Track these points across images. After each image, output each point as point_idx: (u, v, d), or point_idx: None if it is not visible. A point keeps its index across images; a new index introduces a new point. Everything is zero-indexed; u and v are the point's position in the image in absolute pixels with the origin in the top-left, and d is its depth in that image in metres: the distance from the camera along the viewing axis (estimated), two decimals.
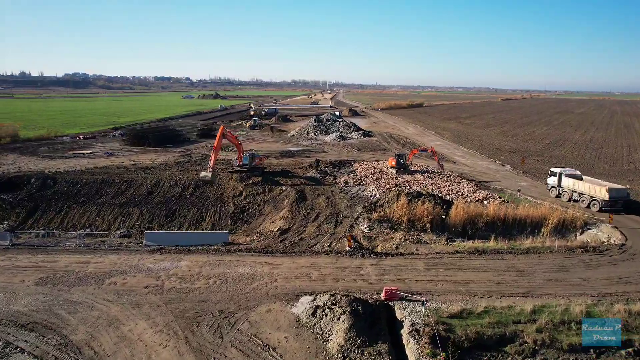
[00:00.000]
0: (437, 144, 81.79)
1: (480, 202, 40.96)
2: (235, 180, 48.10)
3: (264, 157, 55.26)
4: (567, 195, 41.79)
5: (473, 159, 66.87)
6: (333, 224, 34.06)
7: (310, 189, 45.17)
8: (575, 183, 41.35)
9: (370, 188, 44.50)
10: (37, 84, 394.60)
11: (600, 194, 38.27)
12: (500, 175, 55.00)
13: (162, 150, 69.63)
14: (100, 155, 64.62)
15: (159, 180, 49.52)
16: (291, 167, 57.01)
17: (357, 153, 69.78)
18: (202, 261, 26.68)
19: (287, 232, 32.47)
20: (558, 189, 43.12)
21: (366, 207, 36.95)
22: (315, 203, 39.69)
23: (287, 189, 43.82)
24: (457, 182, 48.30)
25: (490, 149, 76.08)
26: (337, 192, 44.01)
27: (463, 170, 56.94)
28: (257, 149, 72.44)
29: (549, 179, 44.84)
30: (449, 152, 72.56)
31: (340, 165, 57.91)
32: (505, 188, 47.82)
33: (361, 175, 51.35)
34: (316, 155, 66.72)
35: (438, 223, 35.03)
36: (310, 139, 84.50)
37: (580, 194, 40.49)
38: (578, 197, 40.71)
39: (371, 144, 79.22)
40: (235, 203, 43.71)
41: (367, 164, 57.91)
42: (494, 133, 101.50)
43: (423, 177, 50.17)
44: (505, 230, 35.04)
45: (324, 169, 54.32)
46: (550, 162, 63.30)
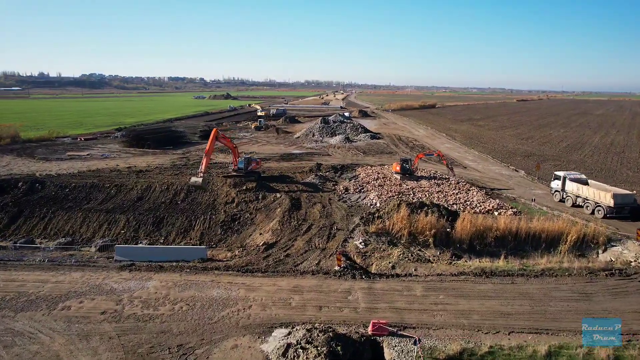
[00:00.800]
0: (448, 147, 77.91)
1: (490, 213, 37.33)
2: (229, 186, 45.27)
3: (261, 160, 52.34)
4: (570, 200, 39.86)
5: (485, 163, 62.89)
6: (325, 237, 30.85)
7: (307, 196, 42.06)
8: (579, 188, 39.05)
9: (371, 196, 41.17)
10: (55, 84, 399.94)
11: (605, 200, 35.93)
12: (514, 182, 51.09)
13: (161, 152, 67.32)
14: (96, 157, 62.57)
15: (150, 184, 46.98)
16: (291, 171, 54.02)
17: (362, 156, 66.42)
18: (173, 281, 23.77)
19: (273, 247, 29.37)
20: (561, 194, 41.14)
21: (364, 218, 33.65)
22: (310, 213, 36.55)
23: (282, 197, 40.78)
24: (466, 189, 44.63)
25: (503, 152, 71.91)
26: (335, 200, 40.81)
27: (473, 176, 53.14)
28: (259, 151, 69.85)
29: (553, 182, 42.63)
30: (460, 155, 68.65)
31: (343, 169, 54.67)
32: (519, 197, 43.97)
33: (363, 181, 48.03)
34: (319, 159, 63.63)
35: (442, 237, 31.59)
36: (315, 141, 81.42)
37: (585, 200, 38.32)
38: (582, 202, 38.61)
39: (378, 147, 75.73)
40: (227, 211, 40.85)
41: (371, 169, 54.54)
42: (508, 135, 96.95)
43: (429, 183, 46.60)
44: (517, 246, 31.44)
45: (325, 174, 51.15)
46: (569, 168, 58.89)
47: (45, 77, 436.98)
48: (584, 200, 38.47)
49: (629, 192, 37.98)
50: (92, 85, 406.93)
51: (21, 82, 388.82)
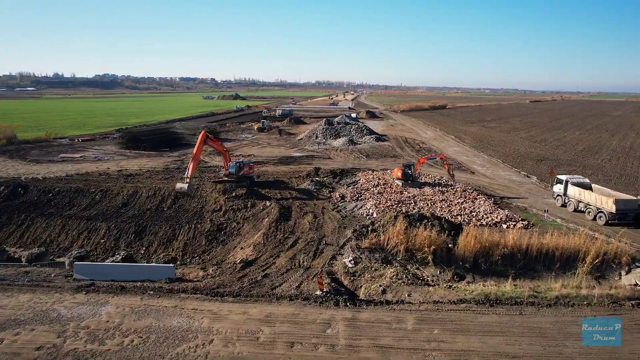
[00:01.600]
0: (456, 150, 74.08)
1: (497, 225, 33.74)
2: (218, 192, 42.36)
3: (254, 164, 49.32)
4: (572, 205, 38.36)
5: (494, 168, 59.00)
6: (312, 254, 27.62)
7: (299, 204, 38.93)
8: (581, 192, 37.52)
9: (367, 205, 37.84)
10: (69, 84, 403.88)
11: (606, 206, 34.34)
12: (525, 189, 47.26)
13: (156, 155, 64.86)
14: (89, 160, 60.35)
15: (136, 190, 44.35)
16: (287, 176, 50.96)
17: (365, 160, 63.06)
18: (131, 306, 20.81)
19: (252, 265, 26.24)
20: (563, 198, 39.62)
21: (357, 232, 30.37)
22: (299, 224, 33.39)
23: (271, 205, 37.71)
24: (473, 198, 41.03)
25: (514, 156, 67.83)
26: (329, 209, 37.58)
27: (481, 183, 49.42)
28: (258, 153, 67.00)
29: (555, 186, 40.95)
30: (468, 159, 64.84)
31: (342, 174, 51.42)
32: (530, 206, 40.22)
33: (362, 187, 44.73)
34: (319, 162, 60.49)
35: (443, 254, 28.14)
36: (318, 143, 78.27)
37: (587, 205, 36.71)
38: (584, 207, 37.10)
39: (382, 150, 72.25)
40: (213, 219, 37.95)
41: (373, 174, 51.18)
42: (520, 138, 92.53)
43: (433, 191, 43.09)
44: (527, 265, 27.83)
45: (322, 180, 47.94)
46: (585, 174, 54.69)
47: (59, 77, 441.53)
48: (585, 205, 36.75)
49: (633, 198, 35.88)
50: (105, 86, 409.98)
51: (36, 82, 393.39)
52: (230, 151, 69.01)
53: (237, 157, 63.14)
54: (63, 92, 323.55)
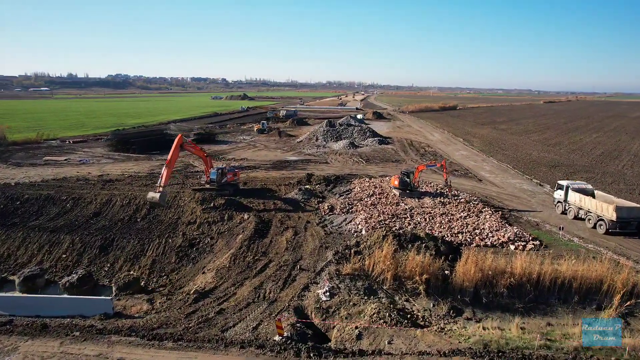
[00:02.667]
0: (463, 154, 69.13)
1: (504, 246, 29.11)
2: (196, 202, 38.41)
3: (239, 171, 45.24)
4: (573, 212, 36.31)
5: (504, 175, 54.02)
6: (281, 282, 23.35)
7: (282, 217, 34.76)
8: (581, 199, 35.47)
9: (358, 219, 33.45)
10: (81, 84, 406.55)
11: (607, 213, 32.31)
12: (537, 200, 42.34)
13: (145, 158, 61.29)
14: (73, 163, 57.01)
15: (110, 198, 40.68)
16: (277, 182, 46.83)
17: (364, 165, 58.61)
18: (44, 355, 16.85)
19: (209, 296, 22.09)
20: (564, 205, 37.50)
21: (338, 254, 26.04)
22: (275, 242, 29.21)
23: (250, 218, 33.59)
24: (478, 211, 36.36)
25: (526, 161, 62.65)
26: (314, 223, 33.30)
27: (488, 192, 44.63)
28: (252, 157, 63.08)
29: (556, 192, 38.83)
30: (475, 165, 59.91)
31: (336, 181, 47.08)
32: (543, 221, 35.42)
33: (356, 197, 40.36)
34: (314, 167, 56.29)
35: (438, 283, 23.71)
36: (317, 146, 74.03)
37: (587, 212, 34.72)
38: (584, 215, 35.09)
39: (385, 154, 67.69)
40: (187, 233, 33.99)
41: (369, 182, 46.74)
42: (533, 141, 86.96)
43: (433, 202, 38.51)
44: (539, 298, 23.30)
45: (313, 188, 43.70)
46: (604, 182, 49.62)
47: (72, 78, 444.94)
48: (586, 212, 34.80)
49: (636, 205, 33.63)
50: (116, 86, 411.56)
51: (50, 82, 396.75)
52: (223, 154, 65.39)
53: (228, 162, 59.45)
54: (74, 92, 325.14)
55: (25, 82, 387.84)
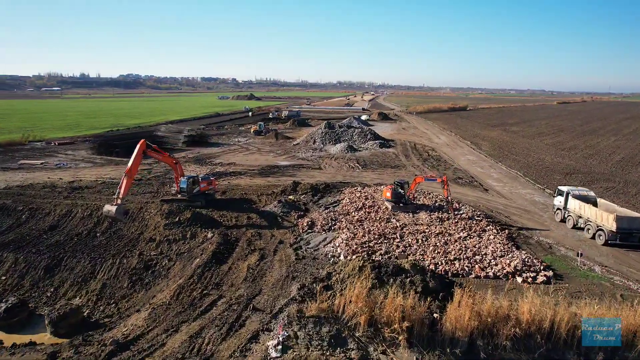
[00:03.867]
0: (469, 159, 63.70)
1: (510, 277, 24.00)
2: (162, 215, 33.97)
3: (215, 179, 40.62)
4: (572, 220, 33.67)
5: (513, 184, 48.58)
6: (227, 327, 18.61)
7: (252, 235, 30.12)
8: (581, 207, 32.81)
9: (338, 240, 28.58)
10: (93, 84, 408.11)
11: (607, 223, 29.85)
12: (551, 214, 36.93)
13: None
14: (49, 167, 53.20)
15: (71, 209, 36.57)
16: (259, 192, 42.20)
17: (359, 171, 53.66)
18: None
19: (130, 347, 17.49)
20: (563, 212, 34.89)
21: (305, 288, 21.23)
22: (235, 269, 24.56)
23: (213, 237, 29.04)
24: (480, 229, 31.23)
25: (538, 168, 57.02)
26: (288, 243, 28.55)
27: (494, 205, 39.37)
28: (241, 162, 58.56)
29: (556, 199, 36.18)
30: (482, 172, 54.49)
31: (325, 191, 42.31)
32: (557, 243, 30.15)
33: (343, 210, 35.53)
34: (306, 174, 51.60)
35: (424, 330, 18.80)
36: (314, 149, 69.28)
37: (586, 221, 32.10)
38: (583, 224, 32.48)
39: (384, 158, 62.63)
40: (144, 253, 29.58)
41: (362, 191, 41.85)
42: (546, 145, 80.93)
43: (429, 218, 33.43)
44: (552, 352, 18.26)
45: (297, 199, 39.00)
46: (627, 193, 43.98)
47: (85, 78, 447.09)
48: (585, 221, 32.19)
49: (639, 216, 30.64)
50: (127, 86, 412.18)
51: (62, 82, 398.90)
52: (211, 158, 60.99)
53: (214, 166, 55.04)
54: (84, 92, 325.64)
55: (38, 82, 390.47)
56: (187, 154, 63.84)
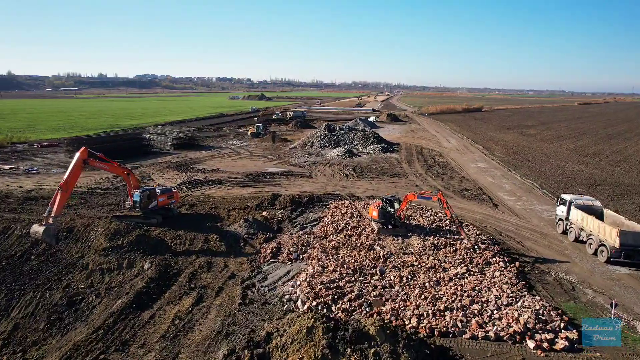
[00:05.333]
0: (480, 167, 56.97)
1: (518, 340, 17.73)
2: (106, 236, 28.66)
3: (177, 192, 35.06)
4: (574, 233, 30.24)
5: (528, 197, 41.87)
6: None
7: (200, 265, 24.49)
8: (583, 218, 29.27)
9: (302, 276, 22.66)
10: (109, 84, 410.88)
11: (609, 238, 26.29)
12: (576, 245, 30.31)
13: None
14: (16, 173, 48.79)
15: (9, 225, 31.61)
16: (232, 205, 36.64)
17: (353, 180, 47.64)
18: None
19: None
20: (565, 223, 31.45)
21: (233, 356, 15.50)
22: (157, 319, 18.90)
23: (149, 269, 23.53)
24: (484, 261, 24.94)
25: (558, 178, 50.01)
26: (239, 280, 22.77)
27: (504, 226, 32.90)
28: (227, 167, 53.12)
29: (558, 208, 32.72)
30: (493, 182, 47.81)
31: (308, 205, 36.57)
32: (582, 282, 23.64)
33: (321, 231, 29.64)
34: (294, 183, 45.94)
35: None
36: (310, 154, 63.57)
37: (589, 235, 28.62)
38: (585, 237, 28.97)
39: (384, 165, 56.43)
40: (70, 285, 24.28)
41: (349, 206, 35.90)
42: (566, 150, 73.37)
43: (422, 245, 27.24)
44: None
45: (272, 216, 33.36)
46: None
47: (102, 78, 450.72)
48: (587, 235, 28.64)
49: None
50: (143, 85, 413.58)
51: (79, 82, 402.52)
52: (195, 164, 55.70)
53: (195, 173, 49.71)
54: (98, 92, 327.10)
55: (57, 82, 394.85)
56: (172, 159, 58.88)
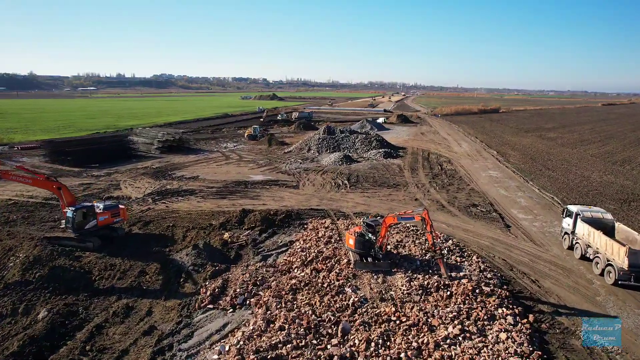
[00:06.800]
0: (492, 176, 50.14)
1: None
2: (21, 265, 23.42)
3: (124, 208, 29.31)
4: (580, 249, 25.93)
5: (548, 216, 35.06)
6: None
7: (114, 312, 18.97)
8: (590, 233, 24.82)
9: (236, 337, 16.87)
10: (126, 84, 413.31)
11: (617, 257, 21.89)
12: (606, 286, 23.67)
13: (77, 173, 47.65)
14: None
15: None
16: (193, 223, 31.08)
17: (344, 192, 41.56)
18: None
19: None
20: (571, 238, 27.37)
21: None
22: None
23: (44, 319, 18.10)
24: (487, 313, 18.67)
25: (583, 191, 42.91)
26: (155, 336, 17.14)
27: (517, 256, 26.38)
28: (205, 175, 47.51)
29: (564, 220, 28.57)
30: (507, 196, 41.07)
31: (283, 224, 30.82)
32: (621, 352, 17.18)
33: (286, 263, 23.84)
34: (275, 194, 40.19)
35: None
36: (304, 159, 57.81)
37: (595, 252, 24.22)
38: (592, 255, 24.58)
39: (384, 173, 50.15)
40: None
41: (328, 228, 29.95)
42: (591, 156, 65.62)
43: (408, 286, 21.06)
44: None
45: (235, 238, 27.72)
46: None
47: (120, 78, 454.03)
48: (594, 252, 24.60)
49: None
50: (159, 85, 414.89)
51: (97, 82, 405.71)
52: (175, 169, 50.41)
53: (172, 180, 44.45)
54: (114, 92, 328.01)
55: (75, 82, 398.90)
56: (153, 163, 53.89)
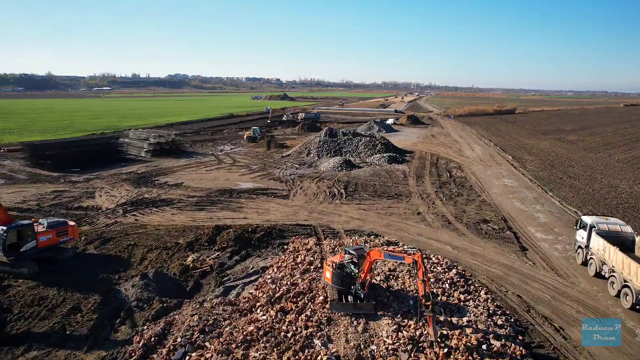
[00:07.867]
0: (507, 185, 44.97)
1: None
2: None
3: (74, 226, 25.28)
4: (594, 265, 22.34)
5: (571, 235, 29.74)
6: None
7: None
8: (605, 248, 21.20)
9: None
10: (140, 84, 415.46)
11: (635, 278, 18.76)
12: None
13: (55, 178, 44.24)
14: None
15: None
16: (157, 242, 27.08)
17: (339, 202, 37.01)
18: None
19: None
20: (584, 252, 23.78)
21: None
22: None
23: None
24: None
25: (611, 203, 37.54)
26: None
27: (536, 292, 21.47)
28: (189, 182, 43.41)
29: (578, 232, 25.04)
30: (523, 209, 35.99)
31: (261, 243, 26.62)
32: None
33: (251, 299, 19.59)
34: (261, 206, 35.90)
35: None
36: (302, 164, 53.53)
37: (611, 270, 20.76)
38: (608, 273, 21.09)
39: (387, 180, 45.46)
40: None
41: (310, 251, 25.59)
42: (617, 162, 59.70)
43: (395, 338, 16.57)
44: None
45: (200, 262, 23.60)
46: None
47: (135, 78, 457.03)
48: (610, 270, 20.74)
49: None
50: (173, 85, 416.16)
51: (112, 82, 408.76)
52: (159, 175, 46.50)
53: (153, 187, 40.58)
54: (128, 92, 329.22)
55: (91, 82, 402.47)
56: (139, 168, 50.23)
